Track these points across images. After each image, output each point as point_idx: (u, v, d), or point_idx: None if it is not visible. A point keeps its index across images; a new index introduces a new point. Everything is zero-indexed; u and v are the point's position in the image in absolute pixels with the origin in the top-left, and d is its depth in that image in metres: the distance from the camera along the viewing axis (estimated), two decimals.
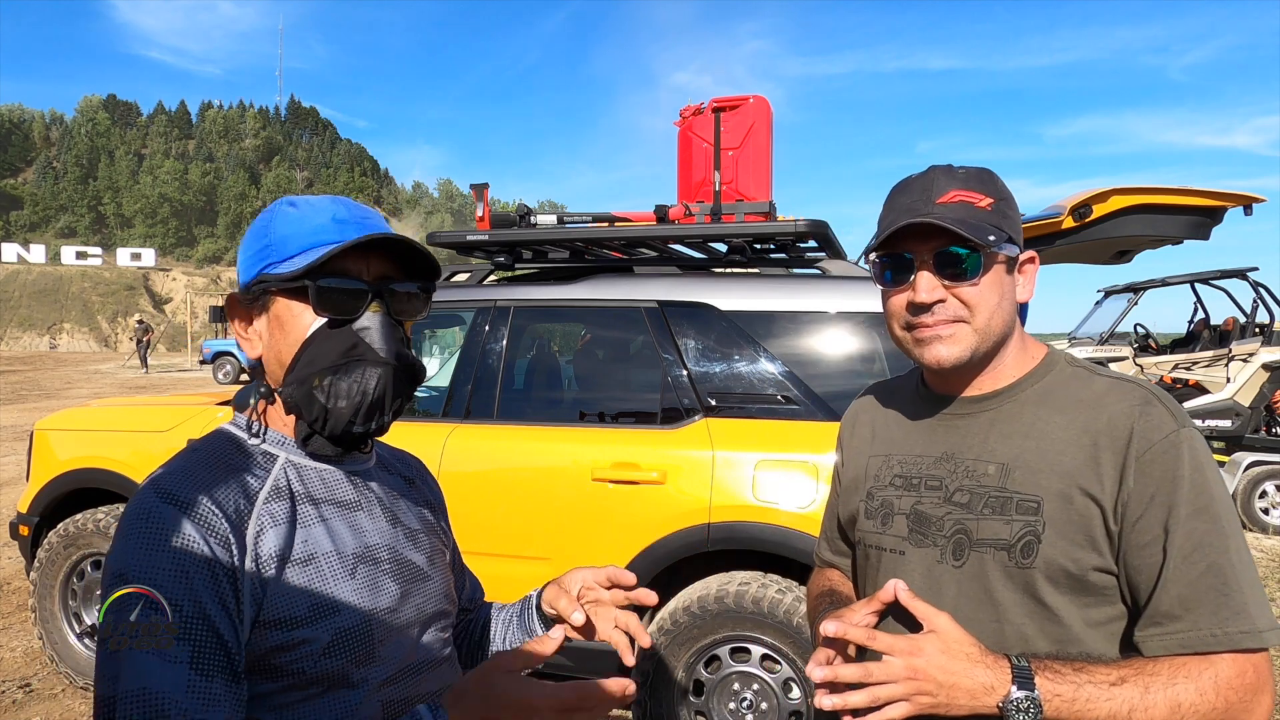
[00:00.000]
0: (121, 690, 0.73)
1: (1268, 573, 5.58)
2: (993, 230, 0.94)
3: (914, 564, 1.02)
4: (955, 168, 1.00)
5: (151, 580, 0.76)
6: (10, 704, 3.34)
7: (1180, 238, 3.18)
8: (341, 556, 0.89)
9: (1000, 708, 0.83)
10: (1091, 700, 0.83)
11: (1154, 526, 0.88)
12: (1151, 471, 0.89)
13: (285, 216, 0.92)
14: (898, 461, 1.09)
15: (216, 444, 0.91)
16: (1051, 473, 0.93)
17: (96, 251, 65.96)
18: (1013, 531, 0.93)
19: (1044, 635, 0.93)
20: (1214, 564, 0.86)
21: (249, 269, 0.93)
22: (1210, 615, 0.85)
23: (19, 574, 4.97)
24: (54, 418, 3.62)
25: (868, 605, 0.95)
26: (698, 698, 2.65)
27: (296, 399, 0.90)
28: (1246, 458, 6.86)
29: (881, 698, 0.83)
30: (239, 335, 0.95)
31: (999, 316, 0.97)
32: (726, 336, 2.82)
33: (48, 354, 33.74)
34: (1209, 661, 0.85)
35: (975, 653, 0.85)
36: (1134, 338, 8.92)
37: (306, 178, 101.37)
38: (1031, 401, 0.99)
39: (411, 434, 2.94)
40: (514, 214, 3.17)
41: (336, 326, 0.89)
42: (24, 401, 15.82)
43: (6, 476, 8.00)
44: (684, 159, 3.47)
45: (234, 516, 0.82)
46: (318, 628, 0.84)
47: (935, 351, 0.98)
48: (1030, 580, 0.93)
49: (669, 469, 2.67)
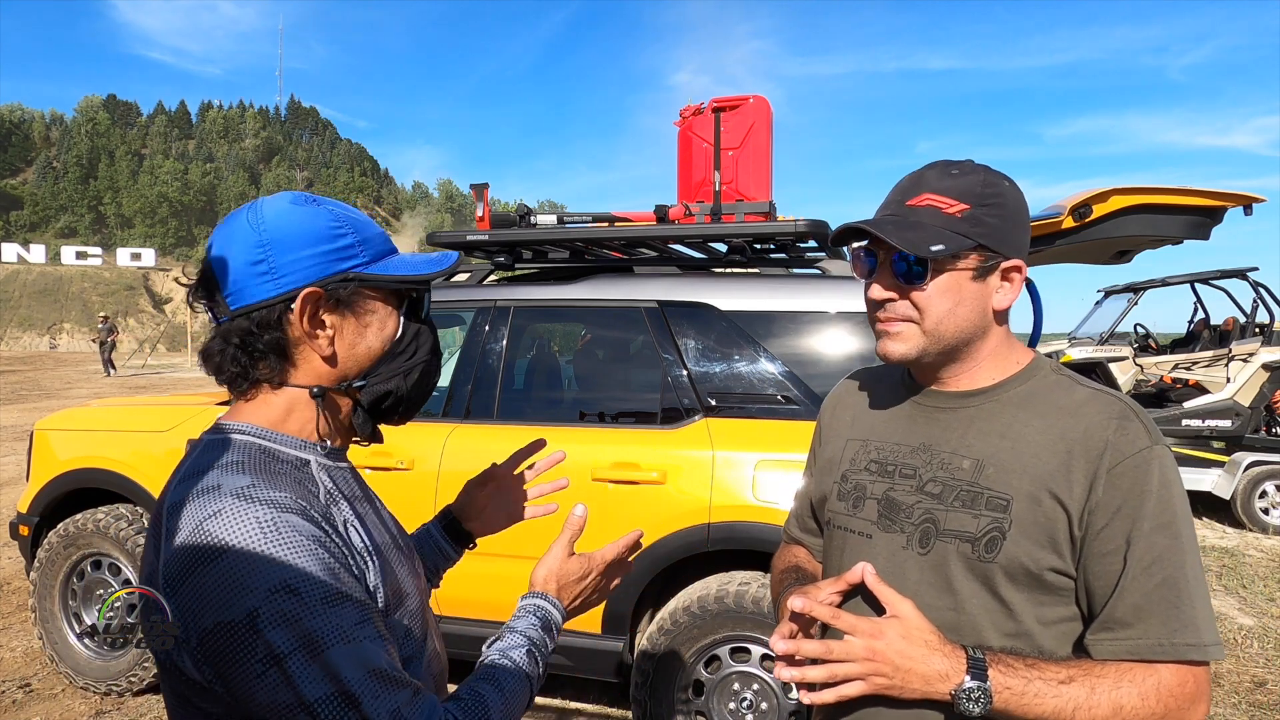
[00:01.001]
0: (351, 679, 0.75)
1: (1268, 572, 5.58)
2: (949, 239, 0.95)
3: (880, 548, 1.04)
4: (953, 166, 1.01)
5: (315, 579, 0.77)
6: (10, 704, 3.34)
7: (1180, 238, 3.18)
8: (388, 547, 0.94)
9: (952, 695, 0.87)
10: (1039, 695, 0.86)
11: (1117, 537, 0.91)
12: (1121, 484, 0.91)
13: (353, 219, 0.94)
14: (875, 447, 1.11)
15: (250, 453, 0.86)
16: (1024, 474, 0.95)
17: (96, 251, 65.98)
18: (979, 526, 0.96)
19: (997, 628, 0.96)
20: (1170, 577, 0.89)
21: (324, 265, 0.88)
22: (1161, 625, 0.88)
23: (19, 574, 4.97)
24: (54, 418, 3.62)
25: (834, 584, 0.99)
26: (698, 698, 2.65)
27: (392, 390, 0.95)
28: (1246, 458, 6.86)
29: (839, 675, 0.88)
30: (307, 334, 0.88)
31: (951, 321, 0.99)
32: (726, 336, 2.82)
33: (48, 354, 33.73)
34: (1153, 669, 0.88)
35: (934, 640, 0.89)
36: (1134, 338, 8.92)
37: (306, 178, 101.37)
38: (1013, 403, 1.01)
39: (412, 434, 2.94)
40: (514, 214, 3.17)
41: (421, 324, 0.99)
42: (24, 401, 15.81)
43: (6, 476, 8.00)
44: (684, 159, 3.46)
45: (327, 517, 0.85)
46: (400, 613, 0.91)
47: (884, 345, 1.03)
48: (990, 574, 0.95)
49: (669, 469, 2.67)
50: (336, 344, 0.91)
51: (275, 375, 0.90)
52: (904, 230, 0.96)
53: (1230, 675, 3.86)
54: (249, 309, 0.87)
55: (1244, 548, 6.27)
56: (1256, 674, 3.88)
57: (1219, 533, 6.76)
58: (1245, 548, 6.27)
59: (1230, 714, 3.47)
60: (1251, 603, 4.95)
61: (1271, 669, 3.94)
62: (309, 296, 0.87)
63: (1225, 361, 7.51)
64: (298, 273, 0.87)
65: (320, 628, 0.75)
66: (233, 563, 0.74)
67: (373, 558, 0.88)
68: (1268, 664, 4.00)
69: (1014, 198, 1.00)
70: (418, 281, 0.95)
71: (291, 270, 0.87)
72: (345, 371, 0.93)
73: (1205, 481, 7.20)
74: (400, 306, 0.96)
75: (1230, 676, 3.85)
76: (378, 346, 0.94)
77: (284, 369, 0.90)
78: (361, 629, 0.78)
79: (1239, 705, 3.54)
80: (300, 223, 0.89)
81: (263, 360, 0.89)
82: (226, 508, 0.77)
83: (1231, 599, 5.02)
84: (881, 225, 0.98)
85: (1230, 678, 3.83)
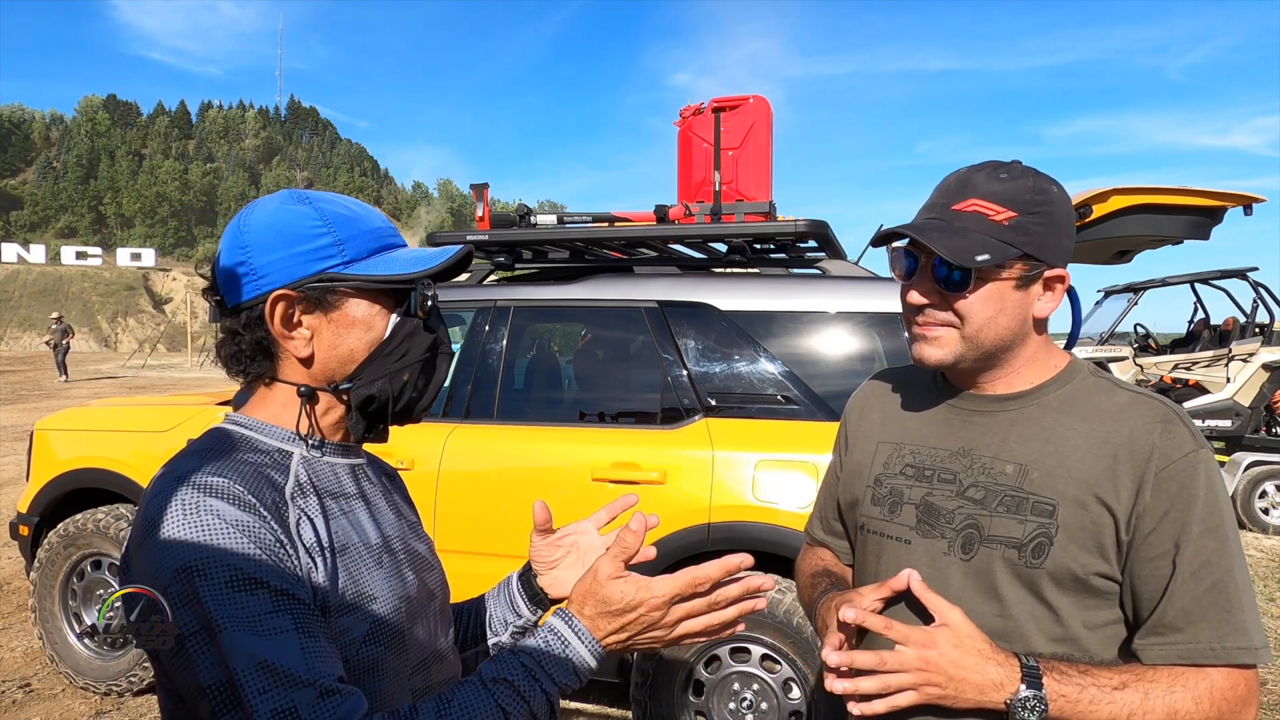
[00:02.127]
0: (238, 668, 0.73)
1: (1268, 572, 5.58)
2: (995, 248, 0.93)
3: (919, 554, 1.03)
4: (1002, 168, 0.98)
5: (223, 563, 0.75)
6: (10, 704, 3.34)
7: (1180, 238, 3.18)
8: (368, 547, 0.91)
9: (1008, 704, 0.86)
10: (1095, 702, 0.86)
11: (1165, 541, 0.90)
12: (1169, 488, 0.91)
13: (340, 216, 0.91)
14: (910, 451, 1.09)
15: (225, 442, 0.88)
16: (1069, 478, 0.94)
17: (96, 251, 66.04)
18: (1026, 531, 0.95)
19: (1044, 633, 0.95)
20: (1219, 582, 0.89)
21: (299, 265, 0.88)
22: (1211, 630, 0.88)
23: (19, 574, 4.96)
24: (54, 418, 3.62)
25: (876, 591, 0.98)
26: (698, 698, 2.65)
27: (377, 392, 0.92)
28: (1246, 458, 6.86)
29: (892, 685, 0.86)
30: (281, 335, 0.89)
31: (992, 329, 0.97)
32: (726, 336, 2.82)
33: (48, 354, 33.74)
34: (1205, 674, 0.88)
35: (986, 649, 0.88)
36: (1134, 338, 8.92)
37: (306, 178, 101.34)
38: (1053, 407, 1.00)
39: (412, 434, 2.94)
40: (514, 214, 3.17)
41: (418, 324, 0.95)
42: (24, 401, 15.82)
43: (6, 476, 8.00)
44: (684, 159, 3.46)
45: (273, 507, 0.83)
46: (356, 616, 0.86)
47: (920, 350, 1.01)
48: (1036, 580, 0.94)
49: (669, 469, 2.67)
50: (315, 345, 0.90)
51: (268, 372, 0.92)
52: (949, 237, 0.94)
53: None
54: (237, 308, 0.90)
55: (1244, 548, 6.27)
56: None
57: None
58: (1245, 548, 6.27)
59: None
60: None
61: (1272, 669, 3.94)
62: (278, 298, 0.88)
63: (1225, 361, 7.51)
64: (275, 274, 0.88)
65: (220, 612, 0.74)
66: (154, 543, 0.77)
67: (326, 555, 0.85)
68: (1268, 664, 4.00)
69: (1062, 205, 0.98)
70: (401, 281, 0.91)
71: (270, 271, 0.88)
72: (330, 372, 0.92)
73: None
74: (395, 306, 0.93)
75: None
76: (361, 348, 0.92)
77: (274, 367, 0.92)
78: (274, 619, 0.75)
79: None
80: (281, 223, 0.89)
81: (252, 359, 0.91)
82: (164, 490, 0.80)
83: None
84: (926, 231, 0.95)
85: None
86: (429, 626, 0.98)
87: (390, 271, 0.91)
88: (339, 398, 0.93)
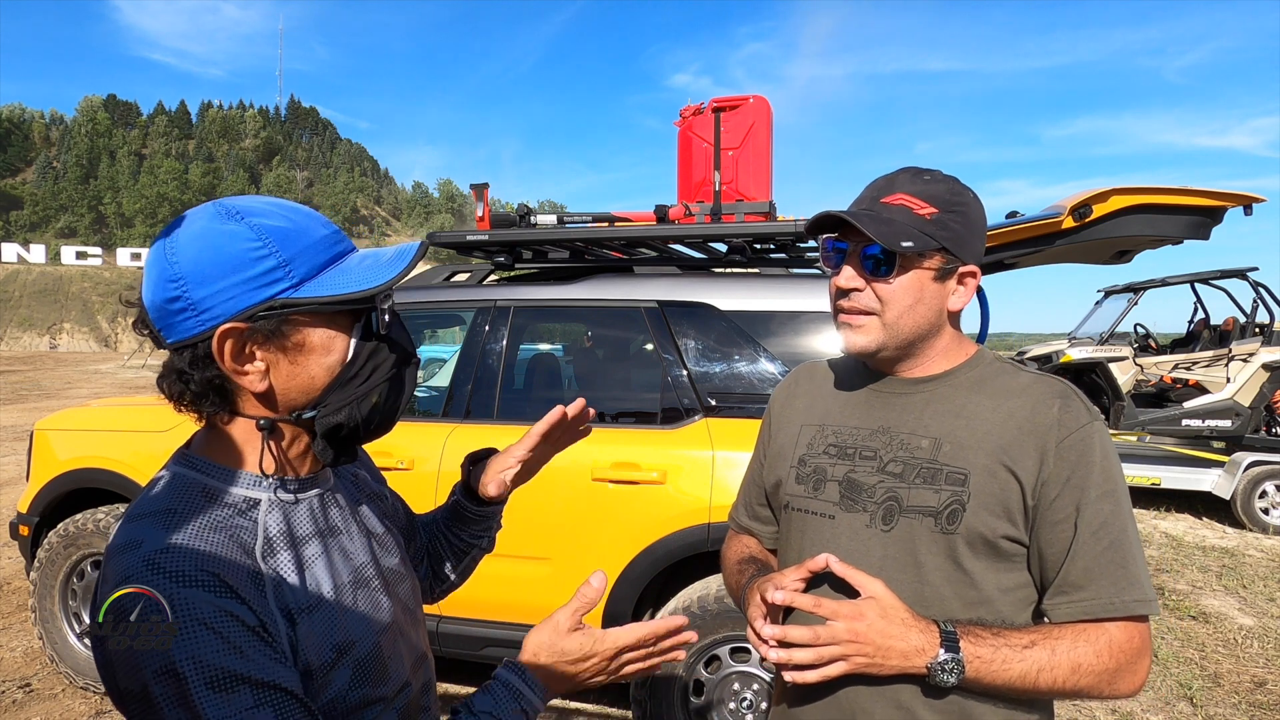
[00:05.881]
0: None
1: (1268, 572, 5.58)
2: (918, 238, 1.02)
3: (842, 528, 1.10)
4: (924, 172, 1.08)
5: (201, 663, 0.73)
6: (10, 704, 3.34)
7: (1180, 238, 3.18)
8: (340, 589, 0.89)
9: (928, 668, 0.94)
10: (1007, 661, 0.94)
11: (1068, 505, 0.99)
12: (1069, 456, 0.99)
13: (280, 232, 0.82)
14: (832, 431, 1.16)
15: (186, 496, 0.83)
16: (979, 449, 1.03)
17: (96, 251, 66.12)
18: (941, 500, 1.03)
19: (960, 598, 1.02)
20: (1115, 540, 0.98)
21: (244, 295, 0.80)
22: (1110, 585, 0.97)
23: (19, 574, 4.97)
24: (54, 418, 3.62)
25: (796, 572, 1.04)
26: (698, 698, 2.65)
27: (344, 422, 0.87)
28: (1246, 458, 6.86)
29: (825, 656, 0.94)
30: (234, 371, 0.82)
31: (910, 318, 1.06)
32: (726, 336, 2.82)
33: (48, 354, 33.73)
34: (1103, 628, 0.97)
35: (909, 618, 0.96)
36: (1134, 338, 8.91)
37: (306, 177, 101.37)
38: (964, 387, 1.09)
39: (412, 434, 2.94)
40: (514, 214, 3.17)
41: (377, 339, 0.88)
42: (24, 401, 15.82)
43: (6, 476, 8.00)
44: (684, 159, 3.47)
45: (247, 579, 0.79)
46: (339, 668, 0.84)
47: (846, 337, 1.10)
48: (952, 545, 1.02)
49: (669, 469, 2.67)
50: (272, 377, 0.84)
51: (224, 409, 0.86)
52: (878, 224, 1.02)
53: (1230, 675, 3.86)
54: (179, 345, 0.82)
55: (1244, 548, 6.27)
56: (1256, 674, 3.88)
57: (1219, 533, 6.76)
58: (1245, 548, 6.27)
59: (1230, 714, 3.46)
60: (1251, 603, 4.95)
61: (1271, 669, 3.94)
62: (225, 334, 0.80)
63: (1225, 361, 7.51)
64: (218, 306, 0.80)
65: (205, 714, 0.72)
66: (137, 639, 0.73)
67: (303, 615, 0.83)
68: (1268, 664, 4.00)
69: (976, 209, 1.08)
70: (357, 300, 0.83)
71: (211, 305, 0.80)
72: (290, 402, 0.86)
73: (1205, 481, 7.20)
74: (351, 326, 0.86)
75: (1230, 676, 3.85)
76: (321, 375, 0.85)
77: (230, 403, 0.85)
78: (256, 713, 0.74)
79: (1239, 705, 3.54)
80: (215, 248, 0.80)
81: (204, 398, 0.84)
82: (131, 573, 0.75)
83: (1231, 599, 5.02)
84: (858, 216, 1.04)
85: (1230, 678, 3.83)
86: (409, 639, 0.97)
87: (347, 290, 0.83)
88: (304, 428, 0.88)
